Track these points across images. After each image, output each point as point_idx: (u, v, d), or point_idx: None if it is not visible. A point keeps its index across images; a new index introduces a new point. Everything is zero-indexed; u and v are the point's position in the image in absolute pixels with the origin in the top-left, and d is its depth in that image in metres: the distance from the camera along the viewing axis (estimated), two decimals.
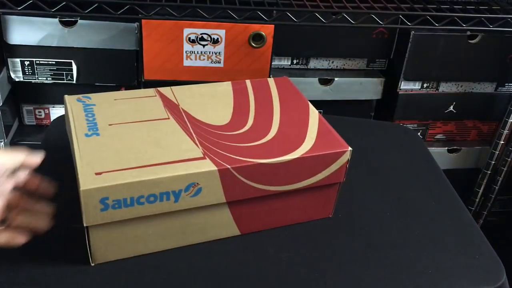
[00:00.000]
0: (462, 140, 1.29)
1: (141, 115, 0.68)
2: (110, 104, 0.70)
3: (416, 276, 0.65)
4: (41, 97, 1.12)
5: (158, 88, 0.75)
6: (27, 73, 1.06)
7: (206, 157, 0.61)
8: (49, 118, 1.15)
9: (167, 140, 0.64)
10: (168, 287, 0.61)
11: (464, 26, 1.02)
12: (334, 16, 1.00)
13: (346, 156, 0.66)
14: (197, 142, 0.64)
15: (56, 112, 1.14)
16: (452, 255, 0.68)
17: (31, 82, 1.07)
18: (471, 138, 1.30)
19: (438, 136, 1.27)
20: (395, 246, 0.69)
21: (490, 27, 1.04)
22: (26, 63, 1.05)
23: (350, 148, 0.66)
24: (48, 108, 1.14)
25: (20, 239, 0.57)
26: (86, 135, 0.63)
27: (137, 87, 1.10)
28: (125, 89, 1.07)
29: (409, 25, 1.02)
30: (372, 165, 0.84)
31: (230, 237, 0.67)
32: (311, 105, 0.74)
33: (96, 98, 0.72)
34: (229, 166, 0.60)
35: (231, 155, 0.62)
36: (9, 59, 1.04)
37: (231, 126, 0.68)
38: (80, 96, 0.72)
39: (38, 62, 1.05)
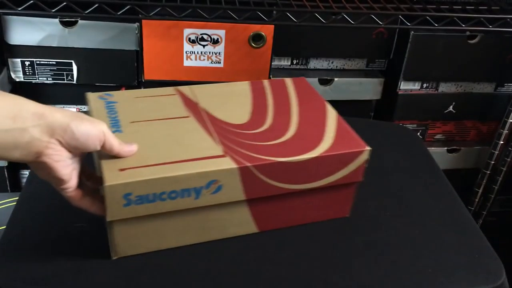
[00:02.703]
0: (461, 140, 1.30)
1: (162, 113, 0.69)
2: (132, 102, 0.71)
3: (416, 276, 0.65)
4: (41, 97, 1.12)
5: (178, 87, 0.76)
6: (27, 73, 1.06)
7: (226, 155, 0.62)
8: None
9: (187, 138, 0.65)
10: (167, 285, 0.61)
11: (463, 26, 1.02)
12: (334, 17, 1.00)
13: (365, 156, 0.66)
14: (217, 140, 0.65)
15: None
16: (452, 255, 0.68)
17: (31, 82, 1.07)
18: (471, 138, 1.30)
19: (438, 136, 1.28)
20: (395, 246, 0.69)
21: (489, 27, 1.04)
22: (27, 63, 1.05)
23: (368, 148, 0.66)
24: None
25: None
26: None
27: (137, 87, 1.10)
28: (125, 89, 1.07)
29: (409, 25, 1.02)
30: (372, 165, 0.84)
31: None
32: (328, 105, 0.75)
33: (118, 95, 0.73)
34: (249, 164, 0.61)
35: (250, 154, 0.62)
36: (9, 59, 1.04)
37: (250, 125, 0.69)
38: (102, 93, 0.73)
39: (38, 62, 1.05)
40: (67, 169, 0.55)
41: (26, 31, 1.01)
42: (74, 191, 0.58)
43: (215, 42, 1.04)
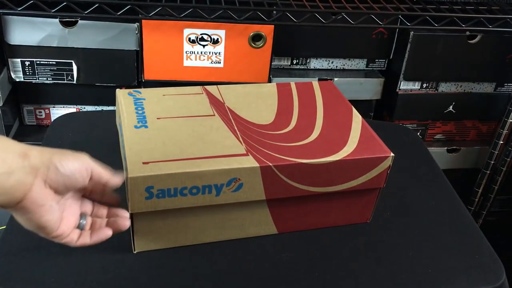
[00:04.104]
0: (461, 140, 1.30)
1: (188, 111, 0.71)
2: (159, 99, 0.73)
3: (416, 276, 0.65)
4: (41, 97, 1.12)
5: (205, 86, 0.77)
6: (27, 73, 1.06)
7: (249, 154, 0.62)
8: (50, 118, 1.15)
9: (211, 135, 0.66)
10: (168, 284, 0.61)
11: (463, 26, 1.02)
12: (333, 17, 1.00)
13: (388, 162, 0.66)
14: (240, 139, 0.65)
15: (56, 112, 1.14)
16: (452, 255, 0.68)
17: (31, 82, 1.07)
18: (471, 138, 1.30)
19: (438, 136, 1.28)
20: (395, 246, 0.69)
21: (489, 27, 1.04)
22: (27, 63, 1.05)
23: (392, 154, 0.66)
24: (48, 108, 1.14)
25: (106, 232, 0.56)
26: (135, 127, 0.66)
27: (137, 87, 1.10)
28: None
29: (409, 25, 1.02)
30: None
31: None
32: (354, 110, 0.75)
33: (146, 93, 0.74)
34: (271, 164, 0.61)
35: (273, 154, 0.63)
36: (9, 59, 1.04)
37: (275, 126, 0.69)
38: (131, 90, 0.75)
39: (38, 62, 1.05)
40: (53, 215, 0.50)
41: (26, 31, 1.01)
42: (69, 237, 0.54)
43: (215, 42, 1.04)
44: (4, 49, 1.03)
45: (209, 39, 1.04)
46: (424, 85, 1.18)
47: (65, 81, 1.08)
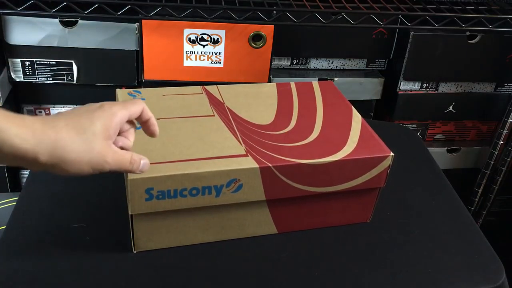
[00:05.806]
0: (461, 140, 1.30)
1: (188, 111, 0.70)
2: (159, 99, 0.73)
3: (416, 276, 0.65)
4: (41, 97, 1.12)
5: (205, 86, 0.77)
6: (27, 73, 1.06)
7: (249, 155, 0.62)
8: None
9: (211, 136, 0.65)
10: (168, 284, 0.61)
11: (463, 26, 1.02)
12: (333, 17, 1.00)
13: (388, 162, 0.66)
14: (240, 139, 0.65)
15: (56, 112, 1.14)
16: (452, 255, 0.68)
17: (31, 82, 1.07)
18: (471, 138, 1.30)
19: (438, 136, 1.28)
20: (395, 246, 0.69)
21: (489, 27, 1.04)
22: (27, 63, 1.05)
23: (392, 154, 0.66)
24: (48, 108, 1.14)
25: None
26: (136, 127, 0.65)
27: (137, 87, 1.10)
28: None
29: (409, 25, 1.02)
30: None
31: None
32: (354, 110, 0.75)
33: (146, 93, 0.74)
34: (270, 165, 0.61)
35: (273, 154, 0.63)
36: (9, 59, 1.04)
37: (274, 126, 0.69)
38: (131, 90, 0.74)
39: (38, 62, 1.05)
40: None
41: (26, 31, 1.01)
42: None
43: (215, 42, 1.04)
44: (4, 49, 1.03)
45: (209, 39, 1.04)
46: (424, 85, 1.18)
47: (65, 81, 1.08)
